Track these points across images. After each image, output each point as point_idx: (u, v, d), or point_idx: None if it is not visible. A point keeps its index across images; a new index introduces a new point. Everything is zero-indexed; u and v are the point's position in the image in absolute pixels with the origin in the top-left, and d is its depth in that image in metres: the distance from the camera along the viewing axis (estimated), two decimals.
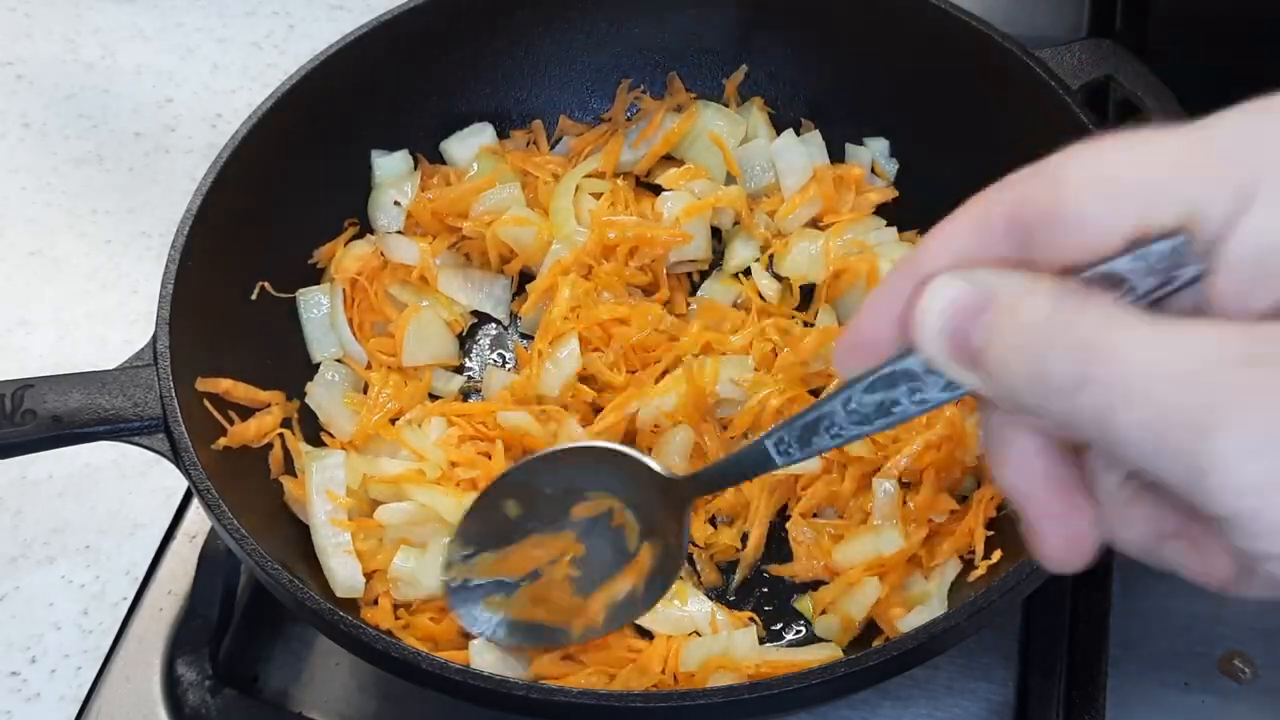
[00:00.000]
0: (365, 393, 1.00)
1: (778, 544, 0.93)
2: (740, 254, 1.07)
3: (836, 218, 1.07)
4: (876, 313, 0.50)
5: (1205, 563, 0.45)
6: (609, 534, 0.76)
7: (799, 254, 1.03)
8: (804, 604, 0.90)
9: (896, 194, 1.08)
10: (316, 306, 1.02)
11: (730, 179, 1.10)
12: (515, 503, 0.78)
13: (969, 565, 0.87)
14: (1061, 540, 0.47)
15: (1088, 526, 0.47)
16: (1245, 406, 0.38)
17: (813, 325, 1.02)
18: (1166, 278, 0.43)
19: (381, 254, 1.04)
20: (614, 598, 0.77)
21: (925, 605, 0.85)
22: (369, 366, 1.01)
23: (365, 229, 1.07)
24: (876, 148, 1.10)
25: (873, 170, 1.10)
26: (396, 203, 1.07)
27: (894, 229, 1.07)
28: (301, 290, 1.02)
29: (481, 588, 0.80)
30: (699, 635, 0.87)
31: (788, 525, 0.92)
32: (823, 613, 0.88)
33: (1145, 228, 0.42)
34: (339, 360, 1.02)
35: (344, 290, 1.02)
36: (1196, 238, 0.42)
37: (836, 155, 1.10)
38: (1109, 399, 0.40)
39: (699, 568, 0.92)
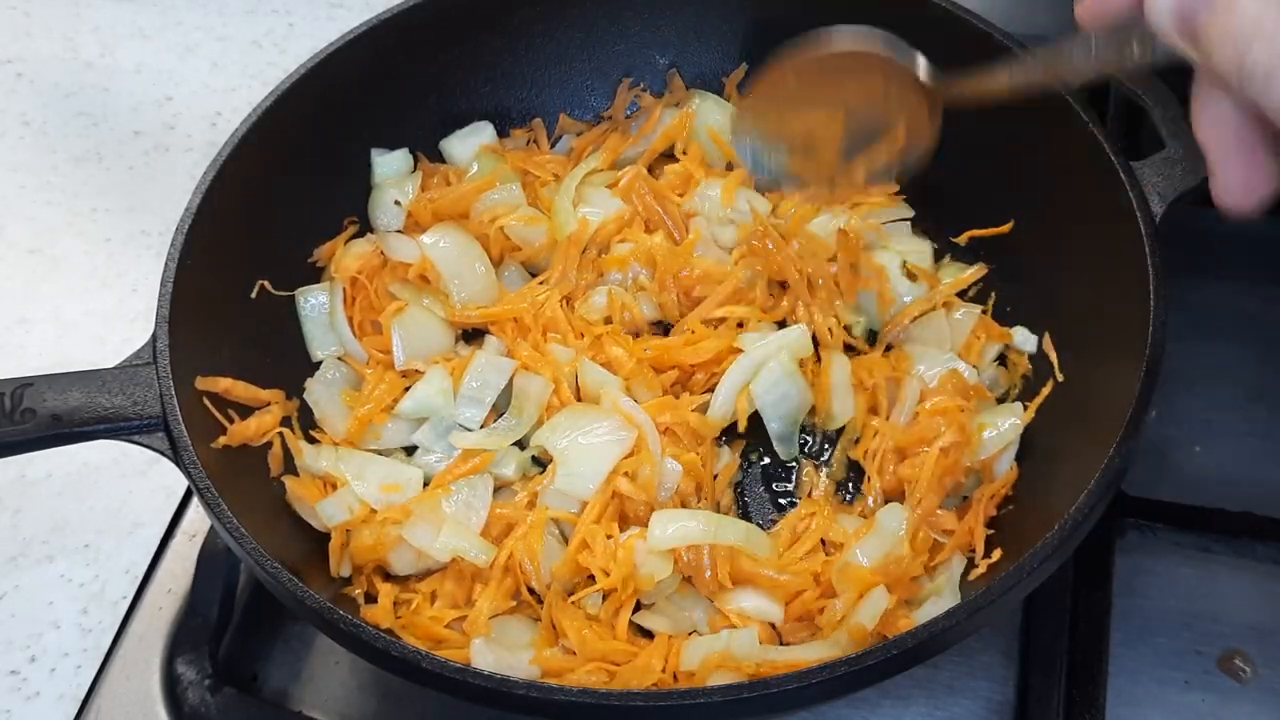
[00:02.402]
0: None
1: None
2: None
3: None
4: None
5: None
6: (873, 112, 0.86)
7: (817, 225, 1.05)
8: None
9: (896, 189, 1.08)
10: (316, 305, 1.02)
11: (730, 167, 1.11)
12: (796, 81, 0.88)
13: (969, 564, 0.87)
14: (1238, 183, 0.58)
15: (1262, 176, 0.57)
16: None
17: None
18: None
19: (381, 253, 1.04)
20: (873, 164, 0.89)
21: (939, 598, 0.85)
22: (369, 364, 1.01)
23: (365, 228, 1.07)
24: None
25: None
26: (397, 202, 1.07)
27: (908, 221, 1.07)
28: (301, 289, 1.02)
29: (764, 143, 0.91)
30: (699, 634, 0.87)
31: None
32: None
33: None
34: (340, 359, 1.02)
35: (344, 289, 1.02)
36: None
37: None
38: None
39: None
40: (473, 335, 1.05)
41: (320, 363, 1.02)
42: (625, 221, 1.06)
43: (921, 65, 0.82)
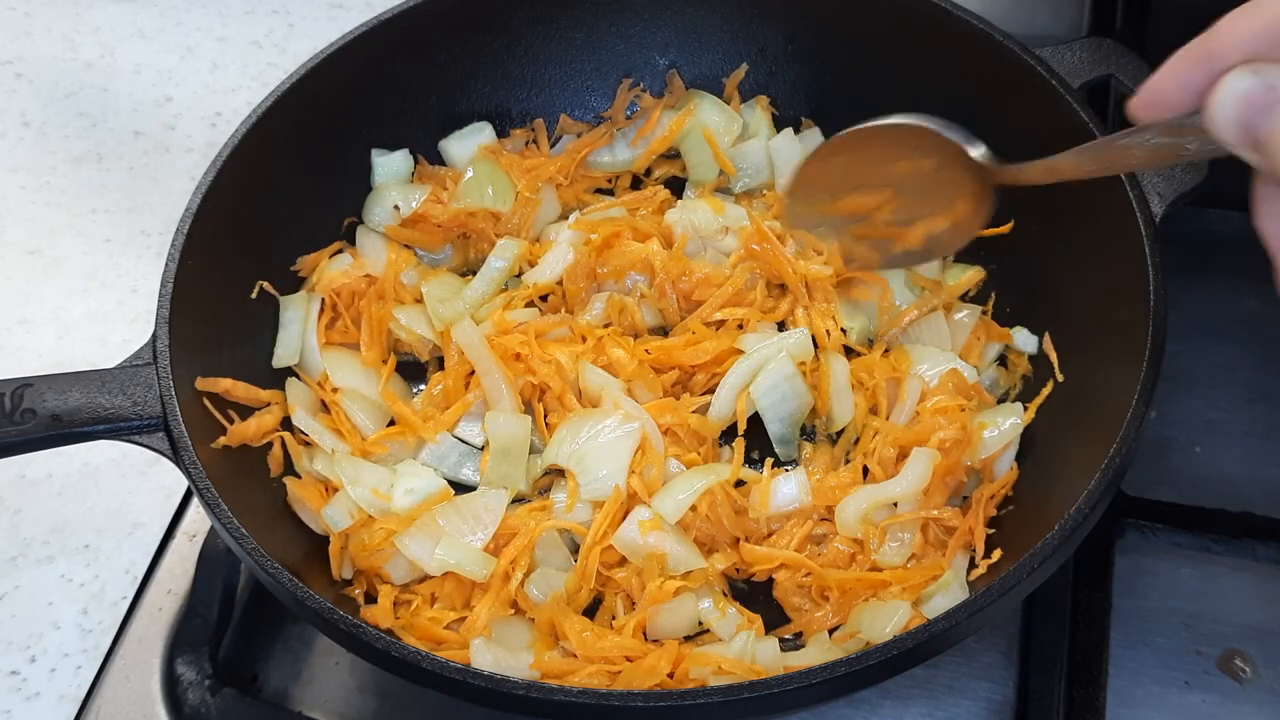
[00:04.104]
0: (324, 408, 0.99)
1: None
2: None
3: None
4: (1173, 80, 0.59)
5: None
6: (925, 188, 0.85)
7: None
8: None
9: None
10: (295, 315, 1.00)
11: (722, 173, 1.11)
12: (843, 160, 0.89)
13: (970, 564, 0.87)
14: None
15: None
16: None
17: None
18: None
19: (366, 275, 1.03)
20: (932, 230, 0.88)
21: (947, 593, 0.85)
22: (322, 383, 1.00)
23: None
24: None
25: None
26: (396, 207, 1.06)
27: None
28: (284, 297, 1.01)
29: (815, 224, 0.94)
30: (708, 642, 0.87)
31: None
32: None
33: None
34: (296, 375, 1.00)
35: (324, 300, 1.01)
36: None
37: None
38: None
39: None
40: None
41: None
42: (618, 230, 1.06)
43: (975, 146, 0.82)
